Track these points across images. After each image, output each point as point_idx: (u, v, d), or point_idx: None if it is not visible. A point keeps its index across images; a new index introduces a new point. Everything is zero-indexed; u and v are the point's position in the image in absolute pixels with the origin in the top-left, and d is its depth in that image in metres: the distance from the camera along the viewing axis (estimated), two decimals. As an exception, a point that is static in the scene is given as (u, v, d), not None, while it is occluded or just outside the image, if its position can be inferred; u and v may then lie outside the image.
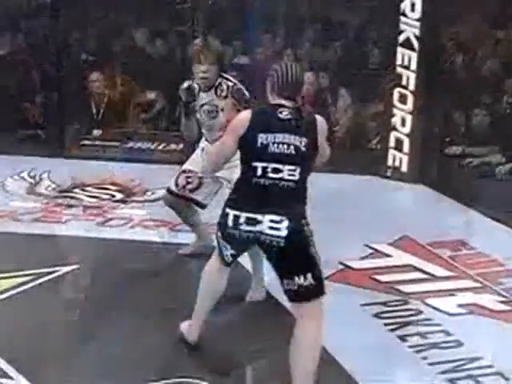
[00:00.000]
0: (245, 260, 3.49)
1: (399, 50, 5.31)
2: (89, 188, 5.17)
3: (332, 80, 6.31)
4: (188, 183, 3.87)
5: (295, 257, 2.77)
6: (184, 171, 3.90)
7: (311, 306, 2.76)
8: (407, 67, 5.30)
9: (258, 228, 2.78)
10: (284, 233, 2.76)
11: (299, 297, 2.76)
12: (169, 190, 3.91)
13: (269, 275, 3.61)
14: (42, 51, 6.06)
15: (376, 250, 4.17)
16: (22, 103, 6.34)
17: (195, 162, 3.87)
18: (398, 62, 5.32)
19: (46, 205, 4.83)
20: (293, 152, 2.78)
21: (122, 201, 4.97)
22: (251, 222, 2.78)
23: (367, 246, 4.20)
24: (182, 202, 3.88)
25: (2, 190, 5.07)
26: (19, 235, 4.30)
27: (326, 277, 3.71)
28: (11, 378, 2.88)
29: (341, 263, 3.96)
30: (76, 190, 5.12)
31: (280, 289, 2.83)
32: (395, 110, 5.41)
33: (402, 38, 5.29)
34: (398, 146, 5.45)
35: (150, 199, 5.00)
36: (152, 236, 4.30)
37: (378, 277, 3.83)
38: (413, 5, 5.20)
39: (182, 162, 5.75)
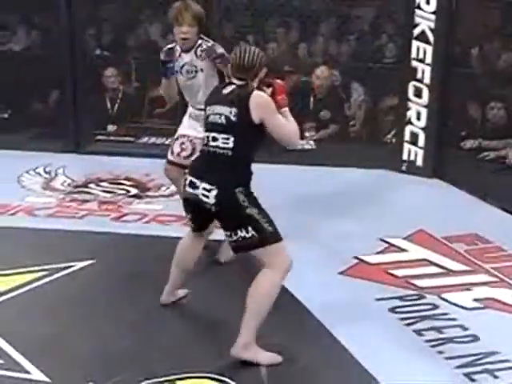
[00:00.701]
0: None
1: (414, 43, 5.27)
2: (104, 183, 5.19)
3: (346, 74, 6.29)
4: (182, 150, 3.90)
5: (229, 218, 3.05)
6: (177, 138, 3.95)
7: (260, 254, 3.03)
8: (422, 60, 5.27)
9: (196, 191, 3.08)
10: (212, 201, 3.04)
11: (245, 246, 3.04)
12: (167, 160, 3.95)
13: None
14: (57, 47, 6.06)
15: (391, 244, 4.15)
16: (36, 99, 6.37)
17: (186, 127, 3.93)
18: (413, 55, 5.29)
19: (62, 200, 4.85)
20: (224, 121, 3.06)
21: (137, 196, 4.98)
22: (192, 185, 3.10)
23: (382, 240, 4.18)
24: (178, 170, 3.85)
25: (18, 186, 5.09)
26: (35, 230, 4.31)
27: (342, 271, 3.77)
28: (28, 371, 2.90)
29: (356, 258, 3.95)
30: (91, 186, 5.14)
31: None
32: (410, 104, 5.38)
33: (417, 31, 5.26)
34: (414, 139, 5.42)
35: (165, 194, 5.00)
36: (167, 231, 4.30)
37: (393, 271, 3.81)
38: (428, -3, 5.17)
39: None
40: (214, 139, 3.08)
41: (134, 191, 5.07)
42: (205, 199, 3.05)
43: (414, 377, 2.92)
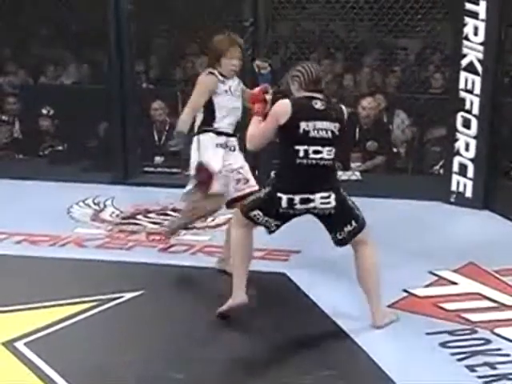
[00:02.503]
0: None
1: (462, 73, 5.26)
2: (151, 214, 5.26)
3: (392, 105, 6.30)
4: (238, 182, 4.04)
5: (342, 216, 3.50)
6: (228, 172, 4.02)
7: (360, 237, 3.54)
8: (471, 91, 5.25)
9: (311, 205, 3.44)
10: (333, 204, 3.46)
11: (350, 238, 3.54)
12: (232, 199, 4.06)
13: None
14: (106, 80, 6.22)
15: (441, 277, 4.10)
16: (86, 132, 6.53)
17: (228, 160, 4.02)
18: (461, 86, 5.27)
19: (110, 231, 4.93)
20: (330, 136, 3.43)
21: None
22: (305, 201, 3.42)
23: (432, 273, 4.13)
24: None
25: (69, 217, 5.20)
26: (84, 261, 4.38)
27: (390, 304, 3.74)
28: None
29: (405, 290, 3.91)
30: (139, 217, 5.21)
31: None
32: (458, 135, 5.35)
33: (465, 61, 5.25)
34: (462, 171, 5.38)
35: (211, 225, 5.04)
36: (214, 262, 4.32)
37: (443, 305, 3.76)
38: (476, 28, 5.15)
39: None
40: (317, 152, 3.40)
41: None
42: (325, 206, 3.45)
43: (467, 414, 2.86)
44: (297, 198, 3.41)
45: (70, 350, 3.28)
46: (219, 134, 4.00)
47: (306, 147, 3.38)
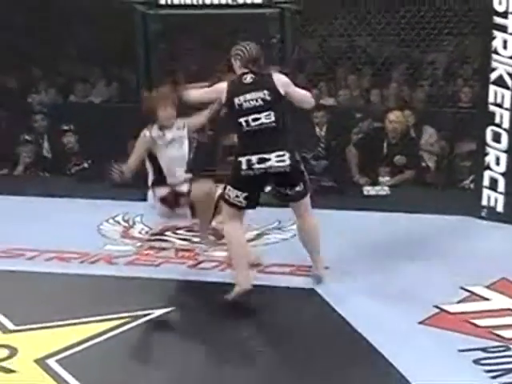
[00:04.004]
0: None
1: (491, 87, 5.21)
2: (180, 231, 5.27)
3: (420, 120, 6.26)
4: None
5: (294, 175, 3.95)
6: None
7: (305, 203, 4.06)
8: (500, 105, 5.20)
9: (268, 164, 3.85)
10: (288, 162, 3.89)
11: (298, 197, 4.03)
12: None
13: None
14: (135, 98, 6.27)
15: (473, 292, 4.05)
16: (115, 149, 6.58)
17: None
18: (491, 99, 5.23)
19: (140, 248, 4.96)
20: (261, 103, 3.90)
21: (213, 243, 5.03)
22: (262, 160, 3.84)
23: (464, 288, 4.08)
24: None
25: (99, 234, 5.24)
26: (114, 278, 4.42)
27: (421, 320, 3.70)
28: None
29: (436, 307, 3.86)
30: (168, 233, 5.23)
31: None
32: (488, 149, 5.30)
33: (494, 75, 5.20)
34: (493, 185, 5.31)
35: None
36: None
37: (476, 321, 3.71)
38: (505, 42, 5.11)
39: (271, 204, 5.88)
40: (256, 119, 3.88)
41: (210, 238, 5.13)
42: (281, 164, 3.87)
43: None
44: (254, 158, 3.84)
45: (101, 367, 3.29)
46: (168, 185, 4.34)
47: (245, 118, 3.88)
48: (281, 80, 4.01)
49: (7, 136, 6.94)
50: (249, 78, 3.96)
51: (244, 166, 3.87)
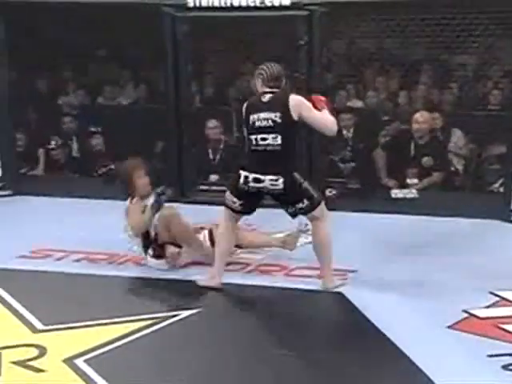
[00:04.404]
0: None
1: (522, 90, 5.16)
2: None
3: (449, 122, 6.21)
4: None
5: (293, 195, 4.05)
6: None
7: (315, 214, 4.11)
8: (530, 107, 5.15)
9: (261, 185, 4.02)
10: (281, 186, 4.01)
11: (303, 213, 4.12)
12: None
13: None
14: (163, 100, 6.31)
15: (502, 297, 4.01)
16: (143, 151, 6.62)
17: None
18: (521, 102, 5.18)
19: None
20: (271, 124, 4.00)
21: (239, 245, 5.03)
22: (256, 180, 4.02)
23: (493, 293, 4.04)
24: None
25: (126, 235, 5.26)
26: (142, 279, 4.45)
27: (450, 325, 3.67)
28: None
29: (465, 311, 3.83)
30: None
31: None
32: (518, 152, 5.24)
33: (524, 77, 5.15)
34: (523, 188, 5.27)
35: (266, 244, 5.05)
36: (270, 281, 4.33)
37: (505, 326, 3.67)
38: (536, 43, 5.06)
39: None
40: (264, 139, 4.00)
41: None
42: (274, 187, 4.01)
43: None
44: (251, 176, 4.02)
45: (129, 367, 3.31)
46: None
47: (255, 136, 4.02)
48: (296, 103, 4.02)
49: (37, 137, 7.02)
50: (267, 97, 4.07)
51: (241, 180, 4.07)
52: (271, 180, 4.00)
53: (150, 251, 4.58)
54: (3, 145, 6.59)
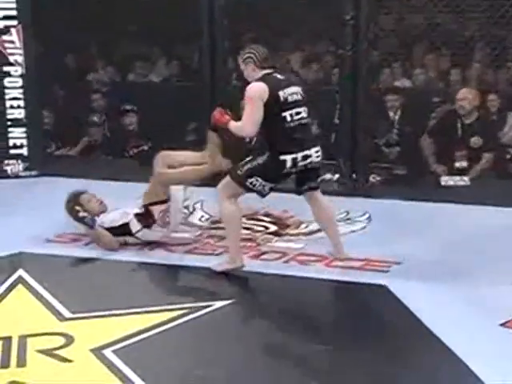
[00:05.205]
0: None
1: None
2: (242, 219, 5.28)
3: (505, 103, 6.12)
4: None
5: (318, 168, 4.26)
6: None
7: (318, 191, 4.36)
8: None
9: (308, 160, 4.10)
10: (321, 156, 4.19)
11: (315, 189, 4.32)
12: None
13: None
14: (197, 78, 6.32)
15: (559, 294, 3.96)
16: (175, 131, 6.66)
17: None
18: None
19: (199, 236, 5.01)
20: (300, 97, 4.14)
21: (276, 233, 5.05)
22: (305, 157, 4.07)
23: (549, 289, 4.00)
24: None
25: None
26: (172, 267, 4.48)
27: (504, 323, 3.63)
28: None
29: (518, 309, 3.79)
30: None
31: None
32: None
33: None
34: None
35: (305, 232, 5.05)
36: (308, 272, 4.33)
37: (562, 325, 3.62)
38: None
39: (338, 193, 5.85)
40: (298, 113, 4.10)
41: (272, 228, 5.15)
42: (318, 159, 4.14)
43: None
44: (299, 155, 4.05)
45: (158, 359, 3.35)
46: None
47: (290, 112, 4.06)
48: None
49: (65, 116, 7.10)
50: (278, 75, 4.15)
51: (289, 165, 4.06)
52: (316, 152, 4.12)
53: (138, 226, 4.69)
54: (30, 123, 6.67)
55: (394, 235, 4.86)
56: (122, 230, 4.75)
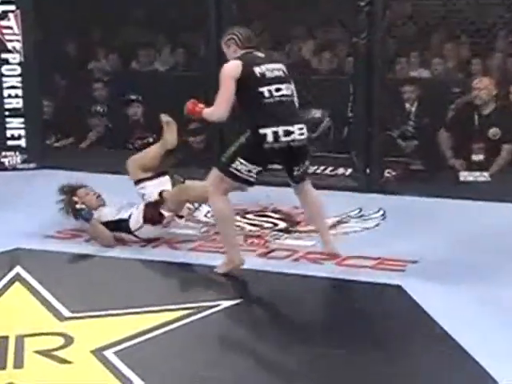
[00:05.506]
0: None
1: None
2: (250, 215, 5.30)
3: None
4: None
5: (306, 151, 4.21)
6: None
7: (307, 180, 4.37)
8: None
9: (291, 137, 4.07)
10: (306, 135, 4.14)
11: (305, 176, 4.32)
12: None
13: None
14: (204, 67, 6.31)
15: None
16: (180, 123, 6.64)
17: None
18: None
19: (205, 233, 5.01)
20: (282, 74, 4.16)
21: (286, 230, 5.04)
22: (287, 133, 4.05)
23: None
24: None
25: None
26: (177, 265, 4.48)
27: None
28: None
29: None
30: (236, 217, 5.24)
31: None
32: None
33: None
34: None
35: (315, 229, 5.03)
36: (319, 270, 4.32)
37: None
38: None
39: (351, 189, 5.84)
40: (278, 90, 4.09)
41: (282, 225, 5.14)
42: (302, 137, 4.10)
43: None
44: (280, 129, 4.03)
45: (161, 361, 3.34)
46: None
47: (268, 87, 4.06)
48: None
49: (65, 106, 7.11)
50: (259, 54, 4.21)
51: (270, 139, 4.03)
52: (299, 129, 4.10)
53: (140, 219, 4.70)
54: (28, 113, 6.68)
55: (410, 233, 4.84)
56: (119, 225, 4.75)
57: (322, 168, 6.23)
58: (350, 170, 6.08)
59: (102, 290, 4.09)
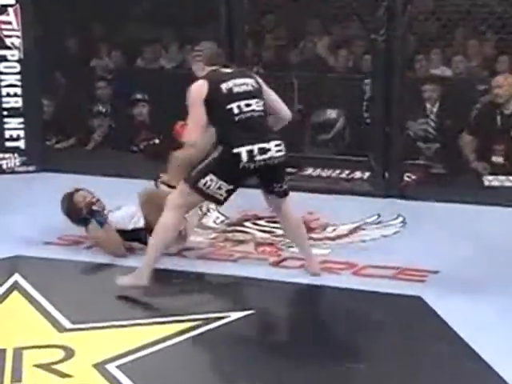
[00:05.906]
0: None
1: None
2: (261, 221, 5.31)
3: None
4: None
5: (283, 168, 4.25)
6: None
7: (288, 197, 4.31)
8: None
9: (268, 155, 4.05)
10: (284, 151, 4.13)
11: (284, 193, 4.28)
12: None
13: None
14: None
15: None
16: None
17: None
18: None
19: (214, 240, 5.02)
20: (251, 88, 4.16)
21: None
22: (262, 151, 4.02)
23: None
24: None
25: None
26: (184, 274, 4.48)
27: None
28: None
29: None
30: (247, 224, 5.27)
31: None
32: None
33: None
34: None
35: (331, 236, 5.05)
36: (335, 281, 4.32)
37: None
38: None
39: (368, 193, 5.85)
40: (248, 105, 4.09)
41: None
42: (280, 154, 4.09)
43: None
44: (255, 148, 4.01)
45: (166, 376, 3.35)
46: None
47: (237, 103, 4.07)
48: (260, 80, 4.30)
49: (67, 105, 7.14)
50: (227, 70, 4.26)
51: (245, 158, 4.00)
52: (276, 146, 4.08)
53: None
54: (27, 113, 6.71)
55: (431, 241, 4.84)
56: (136, 235, 4.75)
57: (338, 172, 6.24)
58: (367, 174, 6.08)
59: (104, 300, 4.11)
